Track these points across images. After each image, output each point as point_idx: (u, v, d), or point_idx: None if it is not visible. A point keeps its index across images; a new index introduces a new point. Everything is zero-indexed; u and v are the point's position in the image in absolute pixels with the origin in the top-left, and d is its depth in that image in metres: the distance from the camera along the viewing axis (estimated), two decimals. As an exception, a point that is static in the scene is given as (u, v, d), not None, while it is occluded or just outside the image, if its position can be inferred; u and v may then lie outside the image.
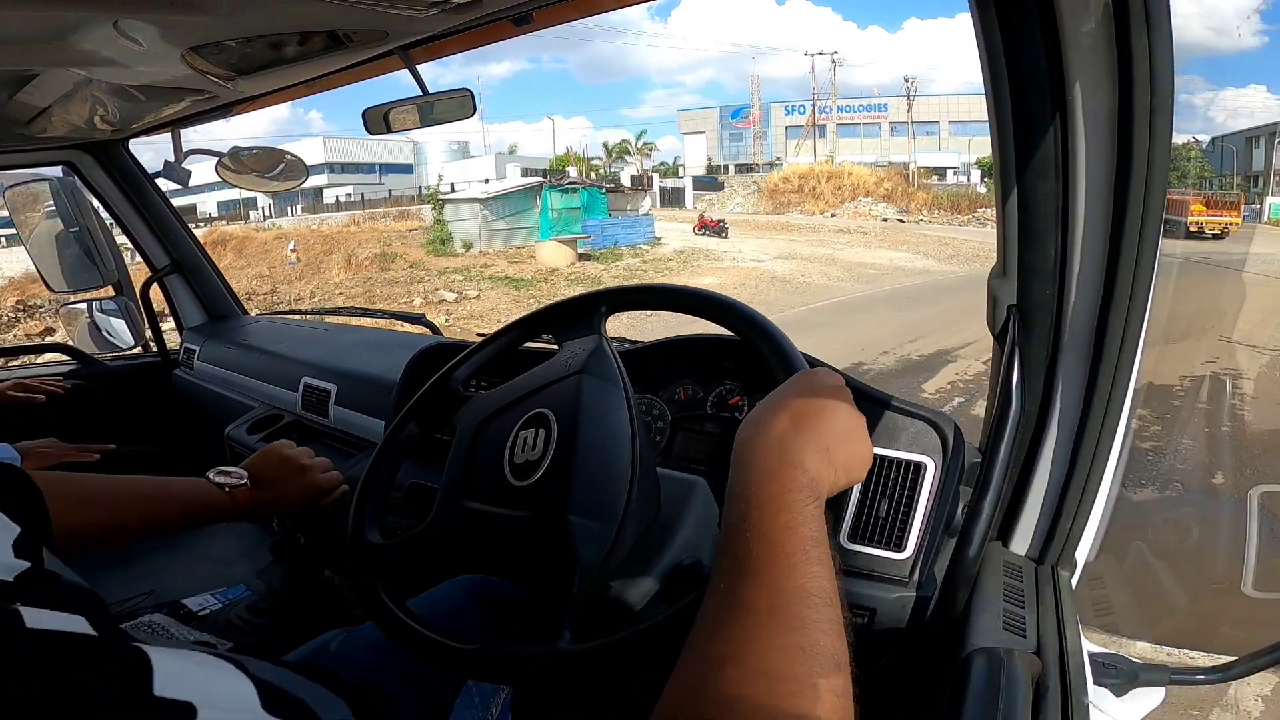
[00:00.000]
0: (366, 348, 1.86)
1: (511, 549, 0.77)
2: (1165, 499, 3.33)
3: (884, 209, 32.39)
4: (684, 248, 22.03)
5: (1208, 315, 6.01)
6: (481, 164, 36.50)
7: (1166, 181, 0.73)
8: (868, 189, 34.91)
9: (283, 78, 1.24)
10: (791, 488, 0.54)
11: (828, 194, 35.04)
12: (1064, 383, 0.87)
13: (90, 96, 1.40)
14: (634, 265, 19.54)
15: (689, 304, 0.86)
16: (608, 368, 0.81)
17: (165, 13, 0.92)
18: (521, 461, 0.78)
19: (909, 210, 32.71)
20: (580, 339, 0.87)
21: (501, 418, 0.85)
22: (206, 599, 1.04)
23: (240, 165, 1.69)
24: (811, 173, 37.39)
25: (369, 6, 0.89)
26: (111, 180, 2.05)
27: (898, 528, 0.97)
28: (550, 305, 0.91)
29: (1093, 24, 0.67)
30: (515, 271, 18.61)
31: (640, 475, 0.73)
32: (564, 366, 0.84)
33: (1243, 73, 45.40)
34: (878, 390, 1.06)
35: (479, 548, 0.80)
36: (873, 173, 36.58)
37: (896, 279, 16.67)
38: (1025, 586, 0.88)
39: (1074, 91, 0.71)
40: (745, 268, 18.53)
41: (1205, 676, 0.85)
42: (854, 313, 12.59)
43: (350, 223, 27.40)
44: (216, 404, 2.01)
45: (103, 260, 2.02)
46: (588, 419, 0.77)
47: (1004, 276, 0.86)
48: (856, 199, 33.53)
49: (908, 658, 0.95)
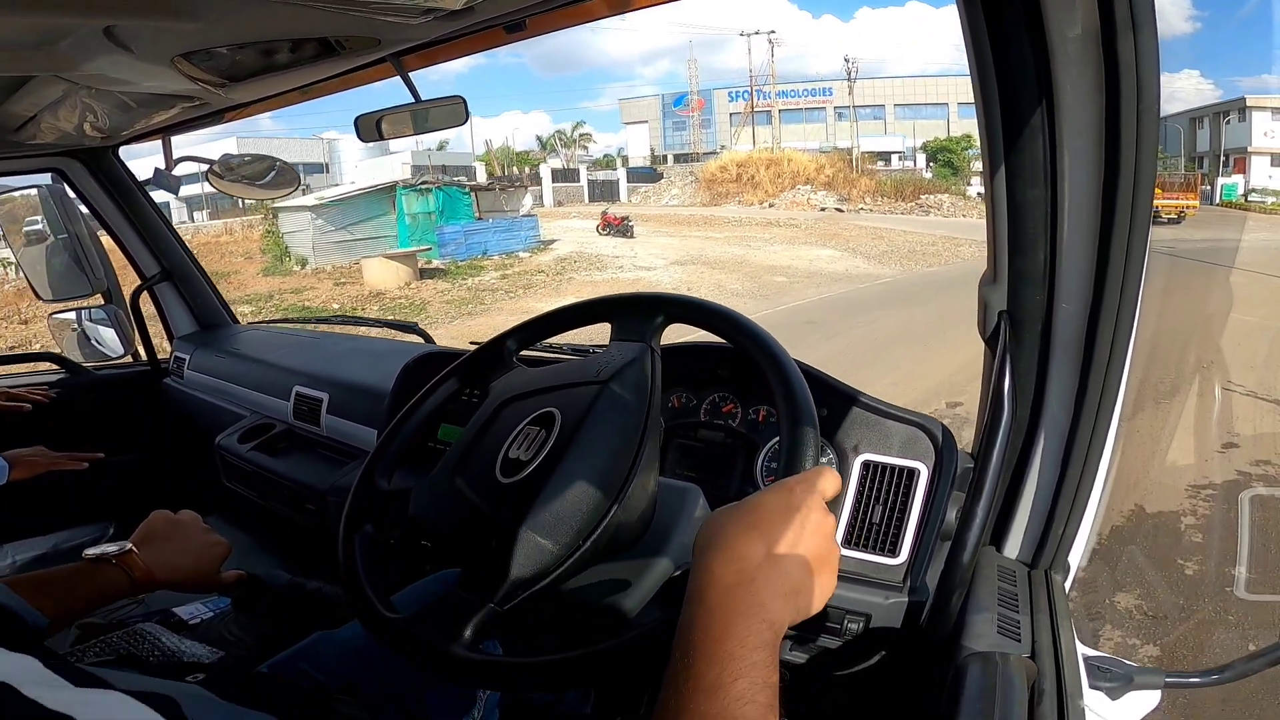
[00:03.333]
0: (359, 356, 1.86)
1: (467, 539, 0.76)
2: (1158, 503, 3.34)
3: (824, 197, 30.30)
4: (572, 253, 18.75)
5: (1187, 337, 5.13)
6: (394, 163, 32.86)
7: (1154, 186, 0.73)
8: (808, 176, 32.26)
9: (274, 85, 1.24)
10: (751, 645, 0.49)
11: (767, 183, 32.22)
12: (1055, 387, 0.87)
13: (80, 103, 1.39)
14: (490, 281, 15.84)
15: (745, 341, 0.81)
16: (636, 386, 0.79)
17: (156, 19, 0.91)
18: (514, 458, 0.77)
19: (850, 198, 30.64)
20: (627, 343, 0.84)
21: (521, 403, 0.83)
22: (197, 608, 1.03)
23: (230, 172, 1.68)
24: (750, 161, 34.42)
25: (361, 14, 0.89)
26: (101, 187, 2.04)
27: (891, 533, 0.98)
28: (608, 297, 0.90)
29: (1079, 29, 0.67)
30: (328, 299, 14.63)
31: (622, 508, 0.71)
32: (594, 371, 0.81)
33: (1173, 59, 45.12)
34: (869, 396, 1.06)
35: (446, 526, 0.80)
36: (814, 159, 33.89)
37: (804, 290, 13.32)
38: (1019, 590, 0.88)
39: (1062, 97, 0.71)
40: (627, 279, 15.65)
41: (1200, 679, 0.85)
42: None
43: (224, 231, 22.92)
44: (207, 413, 2.00)
45: (92, 269, 2.01)
46: (588, 434, 0.75)
47: (994, 282, 0.87)
48: (795, 188, 31.46)
49: (902, 662, 0.95)
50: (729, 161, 35.24)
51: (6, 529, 1.55)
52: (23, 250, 2.06)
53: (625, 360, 0.81)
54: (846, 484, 1.01)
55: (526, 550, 0.69)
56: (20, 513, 1.53)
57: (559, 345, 1.30)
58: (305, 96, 1.43)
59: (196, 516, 0.99)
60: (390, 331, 2.18)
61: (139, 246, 2.17)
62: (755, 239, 20.72)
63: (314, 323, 2.35)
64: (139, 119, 1.56)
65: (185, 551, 0.93)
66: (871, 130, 41.58)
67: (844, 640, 0.98)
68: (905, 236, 20.80)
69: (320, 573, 1.18)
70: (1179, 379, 4.28)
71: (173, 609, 0.99)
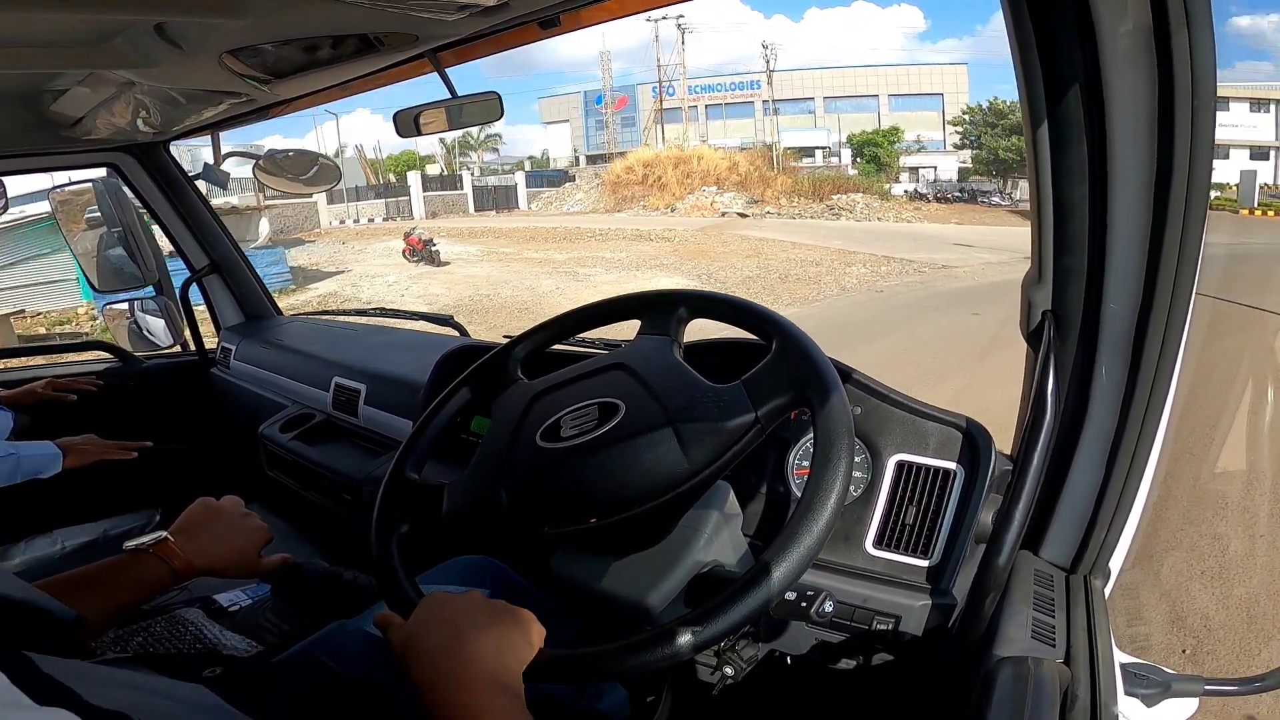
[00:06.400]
0: (395, 348, 1.89)
1: (500, 537, 0.83)
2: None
3: (730, 200, 27.83)
4: (330, 294, 14.88)
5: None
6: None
7: (1210, 183, 0.71)
8: (718, 176, 29.66)
9: (316, 81, 1.26)
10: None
11: (674, 184, 29.63)
12: (1101, 389, 0.85)
13: (133, 99, 1.44)
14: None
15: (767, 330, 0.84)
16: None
17: (205, 16, 0.94)
18: (566, 435, 0.82)
19: (763, 199, 27.88)
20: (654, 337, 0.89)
21: (554, 394, 0.88)
22: (237, 595, 1.05)
23: (275, 167, 1.73)
24: (658, 160, 31.33)
25: (399, 10, 0.90)
26: (153, 181, 2.11)
27: (924, 534, 0.96)
28: (632, 295, 0.94)
29: (1131, 24, 0.65)
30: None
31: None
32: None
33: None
34: (904, 395, 1.05)
35: (481, 524, 0.83)
36: (726, 157, 31.05)
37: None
38: (1055, 595, 0.86)
39: (1112, 93, 0.69)
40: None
41: (1239, 688, 0.82)
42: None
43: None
44: (251, 403, 2.06)
45: (144, 260, 2.07)
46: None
47: (1039, 281, 0.85)
48: (701, 190, 28.95)
49: (933, 665, 0.93)
50: (635, 162, 32.16)
51: (57, 515, 1.61)
52: (78, 241, 2.14)
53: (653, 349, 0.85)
54: (880, 483, 1.00)
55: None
56: (69, 499, 1.59)
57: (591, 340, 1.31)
58: (345, 93, 1.46)
59: (238, 501, 0.99)
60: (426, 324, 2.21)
61: (189, 239, 2.23)
62: (600, 261, 17.12)
63: (354, 315, 2.39)
64: (189, 115, 1.61)
65: (223, 538, 0.93)
66: (802, 124, 38.67)
67: (873, 642, 0.97)
68: (791, 251, 17.58)
69: (356, 562, 1.21)
70: (1230, 385, 4.11)
71: (213, 596, 1.01)
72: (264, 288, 2.42)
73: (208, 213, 2.22)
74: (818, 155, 35.84)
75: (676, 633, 0.65)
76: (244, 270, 2.35)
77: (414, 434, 0.93)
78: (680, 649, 0.65)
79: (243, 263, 2.35)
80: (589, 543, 0.80)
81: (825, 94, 39.84)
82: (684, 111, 39.84)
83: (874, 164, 32.84)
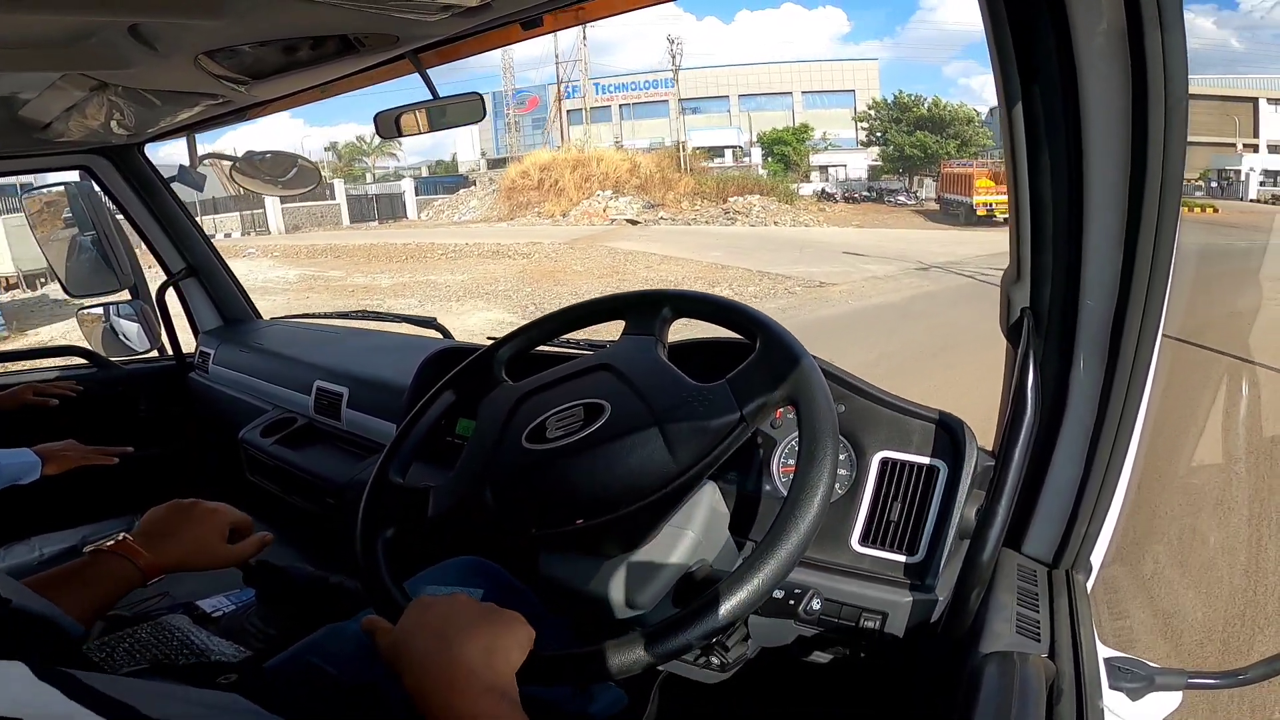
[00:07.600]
0: (378, 351, 1.87)
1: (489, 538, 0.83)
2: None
3: (626, 204, 25.70)
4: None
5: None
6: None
7: (1183, 180, 0.72)
8: (618, 179, 27.44)
9: (295, 82, 1.25)
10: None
11: (571, 189, 27.50)
12: (1079, 384, 0.86)
13: (107, 101, 1.41)
14: None
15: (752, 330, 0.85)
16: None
17: (179, 17, 0.93)
18: (551, 437, 0.82)
19: (664, 203, 26.02)
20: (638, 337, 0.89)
21: (543, 395, 0.88)
22: (220, 600, 1.04)
23: (253, 169, 1.71)
24: (555, 163, 28.90)
25: (379, 11, 0.89)
26: (128, 184, 2.07)
27: (909, 531, 0.97)
28: (617, 296, 0.95)
29: (1106, 24, 0.66)
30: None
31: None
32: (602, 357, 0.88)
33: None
34: (887, 392, 1.06)
35: (468, 527, 0.83)
36: (628, 159, 28.65)
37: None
38: (1039, 590, 0.87)
39: (1087, 92, 0.70)
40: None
41: (1222, 681, 0.84)
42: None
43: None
44: (231, 407, 2.03)
45: (119, 264, 2.04)
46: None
47: (1017, 279, 0.86)
48: (595, 195, 26.80)
49: (919, 661, 0.94)
50: (530, 166, 29.64)
51: (35, 522, 1.58)
52: (50, 245, 2.10)
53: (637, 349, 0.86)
54: (865, 480, 1.01)
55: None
56: (48, 506, 1.56)
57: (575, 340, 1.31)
58: (325, 94, 1.44)
59: (199, 500, 0.98)
60: (408, 327, 2.20)
61: (164, 242, 2.20)
62: (423, 288, 14.08)
63: (335, 318, 2.37)
64: (164, 117, 1.58)
65: (181, 530, 0.92)
66: (716, 123, 37.21)
67: (860, 638, 0.97)
68: (656, 268, 15.33)
69: (341, 566, 1.19)
70: (1207, 376, 4.17)
71: (196, 602, 1.00)
72: (243, 291, 2.39)
73: (184, 215, 2.19)
74: (728, 155, 34.57)
75: (665, 633, 0.65)
76: (222, 273, 2.32)
77: (398, 437, 0.92)
78: (669, 648, 0.65)
79: (220, 266, 2.31)
80: (576, 544, 0.80)
81: (740, 91, 38.66)
82: (585, 112, 38.10)
83: (782, 163, 31.74)
